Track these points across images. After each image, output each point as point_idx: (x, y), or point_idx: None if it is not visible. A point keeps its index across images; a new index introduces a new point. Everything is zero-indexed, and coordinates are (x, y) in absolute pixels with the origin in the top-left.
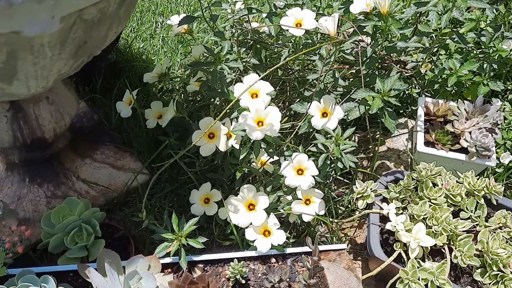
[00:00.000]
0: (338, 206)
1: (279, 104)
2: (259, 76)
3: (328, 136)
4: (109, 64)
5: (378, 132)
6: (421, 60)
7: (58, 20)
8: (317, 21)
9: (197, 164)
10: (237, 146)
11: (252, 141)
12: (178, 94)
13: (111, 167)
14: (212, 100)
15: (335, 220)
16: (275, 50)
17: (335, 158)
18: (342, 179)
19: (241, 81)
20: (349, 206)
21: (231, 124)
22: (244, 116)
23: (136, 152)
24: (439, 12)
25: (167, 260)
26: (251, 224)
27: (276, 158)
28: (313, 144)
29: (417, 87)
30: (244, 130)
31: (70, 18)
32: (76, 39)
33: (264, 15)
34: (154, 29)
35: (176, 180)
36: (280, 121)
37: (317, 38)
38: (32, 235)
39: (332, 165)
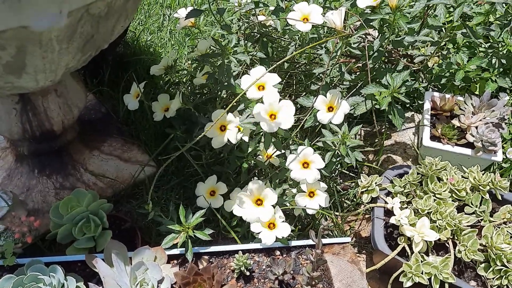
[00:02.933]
0: (343, 199)
1: (286, 98)
2: (266, 69)
3: (335, 134)
4: (117, 56)
5: (384, 126)
6: (429, 54)
7: (65, 15)
8: (323, 15)
9: (204, 157)
10: (246, 139)
11: (260, 134)
12: (185, 87)
13: (118, 159)
14: (219, 93)
15: (340, 214)
16: (282, 44)
17: (341, 154)
18: (348, 172)
19: (248, 74)
20: (355, 199)
21: (239, 117)
22: (258, 108)
23: (143, 144)
24: (447, 6)
25: (173, 251)
26: (259, 218)
27: (282, 151)
28: (317, 140)
29: (424, 81)
30: (254, 124)
31: (77, 12)
32: (84, 34)
33: (272, 8)
34: (162, 22)
35: (182, 172)
36: None
37: (324, 32)
38: (41, 225)
39: (338, 159)
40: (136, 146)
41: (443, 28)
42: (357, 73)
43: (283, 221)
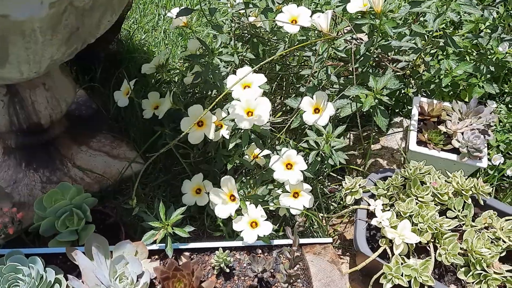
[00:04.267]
0: (330, 202)
1: (277, 99)
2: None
3: (320, 133)
4: (110, 54)
5: (372, 131)
6: (413, 60)
7: (47, 6)
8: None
9: (192, 155)
10: (227, 136)
11: (240, 131)
12: (176, 86)
13: (106, 155)
14: (209, 93)
15: (325, 215)
16: (273, 45)
17: (325, 155)
18: (335, 175)
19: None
20: (341, 202)
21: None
22: (234, 105)
23: (132, 141)
24: (434, 14)
25: (155, 246)
26: (231, 214)
27: (267, 151)
28: (304, 140)
29: (413, 87)
30: (234, 120)
31: (60, 4)
32: (68, 26)
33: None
34: (157, 22)
35: (170, 170)
36: (275, 116)
37: (314, 34)
38: (25, 219)
39: (324, 162)
40: (125, 143)
41: (425, 36)
42: (349, 77)
43: (265, 220)
